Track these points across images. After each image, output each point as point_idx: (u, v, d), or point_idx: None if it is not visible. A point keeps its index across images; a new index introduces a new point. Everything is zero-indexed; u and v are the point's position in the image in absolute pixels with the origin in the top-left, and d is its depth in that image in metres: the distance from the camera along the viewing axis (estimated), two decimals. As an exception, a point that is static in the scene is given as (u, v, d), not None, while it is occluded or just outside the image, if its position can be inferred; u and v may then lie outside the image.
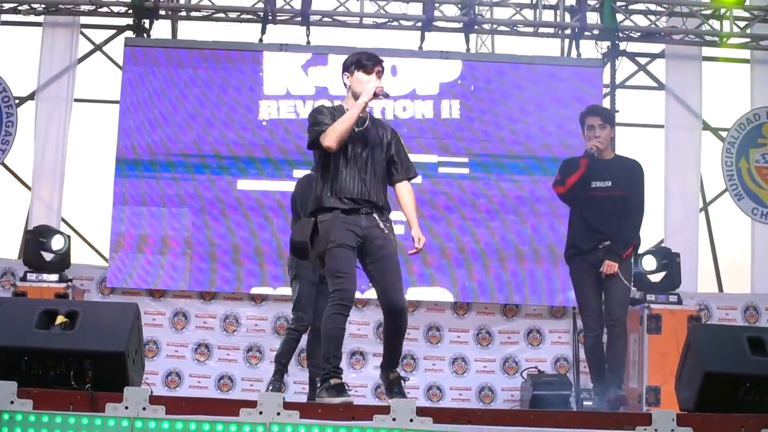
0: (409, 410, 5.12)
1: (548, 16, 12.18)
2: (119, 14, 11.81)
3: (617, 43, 12.07)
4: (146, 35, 11.81)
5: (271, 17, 11.73)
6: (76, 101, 11.73)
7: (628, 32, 12.06)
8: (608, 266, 7.63)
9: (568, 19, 12.01)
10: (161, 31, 12.19)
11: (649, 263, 10.44)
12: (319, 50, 11.54)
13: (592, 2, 11.95)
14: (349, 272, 6.25)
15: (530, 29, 12.17)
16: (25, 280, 10.16)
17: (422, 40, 11.83)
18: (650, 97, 12.49)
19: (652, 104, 12.44)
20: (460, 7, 11.86)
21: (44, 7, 11.62)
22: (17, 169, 11.83)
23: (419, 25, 11.86)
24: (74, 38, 11.74)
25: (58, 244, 10.37)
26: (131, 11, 11.70)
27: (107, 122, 11.79)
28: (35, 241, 10.35)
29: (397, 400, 5.74)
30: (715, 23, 11.89)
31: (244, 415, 5.10)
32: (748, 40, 12.01)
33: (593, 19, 11.91)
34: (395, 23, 11.98)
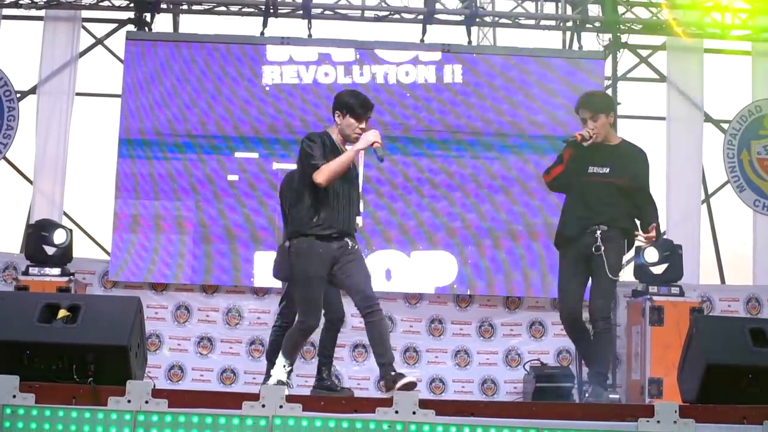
0: (411, 403, 5.13)
1: (550, 8, 12.17)
2: (120, 8, 11.82)
3: (619, 35, 12.06)
4: (147, 29, 11.81)
5: (272, 10, 11.71)
6: (77, 95, 11.72)
7: (629, 24, 12.05)
8: (648, 237, 7.26)
9: (569, 11, 12.00)
10: (162, 24, 12.22)
11: (651, 255, 10.45)
12: (320, 43, 11.55)
13: (593, -6, 11.95)
14: (315, 305, 6.84)
15: (532, 22, 12.17)
16: (27, 274, 10.17)
17: (424, 33, 11.81)
18: (652, 89, 12.48)
19: (653, 96, 12.45)
20: (461, -1, 11.87)
21: (45, 1, 11.60)
22: (19, 163, 11.85)
23: (421, 18, 11.83)
24: (75, 32, 11.73)
25: (60, 237, 10.37)
26: (132, 5, 11.71)
27: (109, 116, 11.80)
28: (37, 235, 10.36)
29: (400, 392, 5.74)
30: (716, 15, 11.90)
31: (246, 408, 5.11)
32: (749, 32, 12.00)
33: (595, 11, 11.90)
34: (397, 16, 11.96)
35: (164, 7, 11.97)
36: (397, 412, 5.10)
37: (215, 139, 11.31)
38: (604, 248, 7.19)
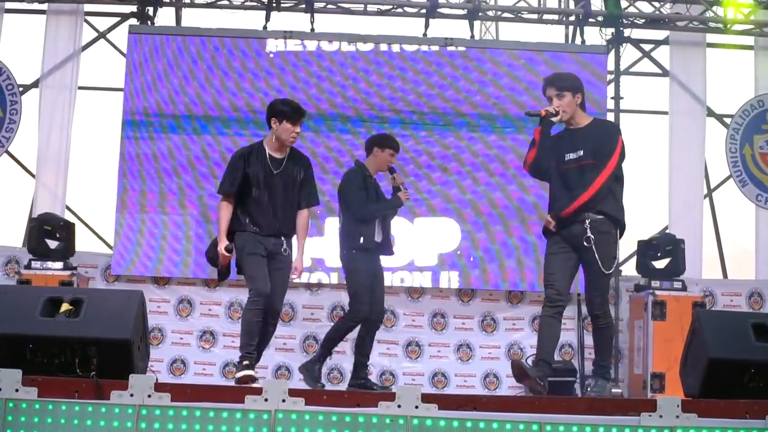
0: (414, 397, 5.14)
1: (552, 2, 12.20)
2: (123, 1, 11.81)
3: (621, 29, 12.04)
4: (150, 23, 11.82)
5: (275, 4, 11.71)
6: (80, 89, 11.72)
7: (632, 19, 12.04)
8: (546, 221, 7.18)
9: (572, 5, 12.00)
10: (165, 18, 12.20)
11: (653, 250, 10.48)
12: (323, 37, 11.54)
13: (596, -12, 11.94)
14: (260, 274, 7.43)
15: (534, 16, 12.15)
16: (29, 267, 10.19)
17: (426, 27, 11.80)
18: (654, 83, 12.48)
19: (656, 91, 12.43)
20: (464, -7, 11.86)
21: (48, -6, 11.63)
22: (21, 157, 11.84)
23: (423, 12, 11.82)
24: (78, 26, 11.72)
25: (62, 231, 10.38)
26: (135, -2, 11.74)
27: (112, 110, 11.81)
28: (39, 228, 10.37)
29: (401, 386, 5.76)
30: (719, 10, 11.88)
31: (249, 402, 5.11)
32: (751, 26, 11.99)
33: (597, 5, 11.88)
34: (399, 10, 11.95)
35: (167, 0, 11.96)
36: (399, 406, 5.10)
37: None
38: (594, 240, 6.99)
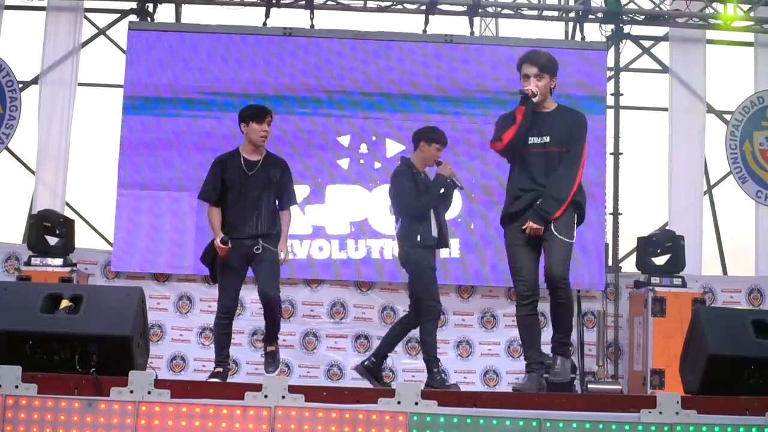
0: (414, 393, 5.14)
1: (552, -1, 12.19)
2: (122, -2, 11.84)
3: (621, 26, 12.04)
4: (150, 19, 11.83)
5: (275, 1, 11.71)
6: (79, 85, 11.72)
7: (632, 15, 12.04)
8: (529, 228, 6.70)
9: (572, 2, 12.01)
10: (165, 15, 12.20)
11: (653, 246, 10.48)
12: (323, 34, 11.53)
13: (596, -15, 11.94)
14: (229, 289, 8.01)
15: (534, 12, 12.15)
16: (29, 264, 10.19)
17: (426, 23, 11.80)
18: (654, 80, 12.48)
19: (656, 87, 12.44)
20: (464, -10, 11.85)
21: (47, -9, 11.63)
22: (21, 153, 11.85)
23: (423, 8, 11.82)
24: (78, 22, 11.72)
25: (62, 228, 10.39)
26: (135, -5, 11.74)
27: (111, 106, 11.80)
28: (39, 225, 10.37)
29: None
30: (719, 6, 11.88)
31: (249, 398, 5.11)
32: (752, 23, 11.99)
33: (597, 2, 11.87)
34: (399, 7, 11.94)
35: (167, -3, 11.99)
36: (399, 402, 5.10)
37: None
38: (553, 223, 6.69)
